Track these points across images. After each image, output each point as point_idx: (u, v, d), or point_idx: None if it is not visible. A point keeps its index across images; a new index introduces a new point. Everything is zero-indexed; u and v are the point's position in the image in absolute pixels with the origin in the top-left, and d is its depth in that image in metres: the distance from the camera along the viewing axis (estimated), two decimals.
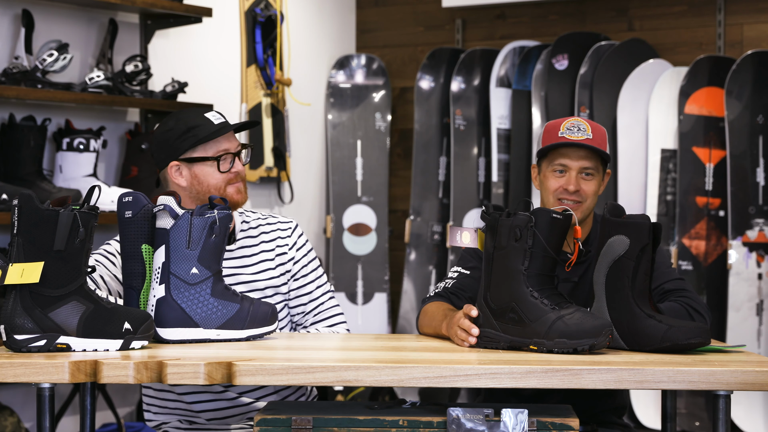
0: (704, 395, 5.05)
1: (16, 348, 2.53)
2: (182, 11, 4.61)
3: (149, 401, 3.13)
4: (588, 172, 3.05)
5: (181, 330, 2.75)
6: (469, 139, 5.70)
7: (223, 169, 3.04)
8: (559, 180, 3.06)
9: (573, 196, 3.05)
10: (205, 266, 2.76)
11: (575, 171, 3.05)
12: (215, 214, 2.77)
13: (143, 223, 2.80)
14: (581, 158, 3.05)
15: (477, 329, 2.73)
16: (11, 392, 4.17)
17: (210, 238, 2.76)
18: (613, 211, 2.76)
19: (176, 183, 3.07)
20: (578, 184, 3.05)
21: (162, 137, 3.08)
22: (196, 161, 3.04)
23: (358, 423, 2.50)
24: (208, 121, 3.05)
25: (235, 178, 3.07)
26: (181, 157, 3.05)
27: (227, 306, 2.79)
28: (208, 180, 3.05)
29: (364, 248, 5.86)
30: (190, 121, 3.05)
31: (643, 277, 2.69)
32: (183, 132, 3.04)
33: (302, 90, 5.67)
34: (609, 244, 2.71)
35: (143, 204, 2.79)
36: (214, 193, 3.04)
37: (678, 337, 2.62)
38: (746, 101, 5.13)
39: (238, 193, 3.08)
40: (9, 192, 3.85)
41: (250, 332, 2.81)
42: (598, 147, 3.03)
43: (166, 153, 3.06)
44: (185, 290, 2.76)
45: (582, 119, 3.06)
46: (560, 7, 5.69)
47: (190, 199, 3.06)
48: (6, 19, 4.17)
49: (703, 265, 5.17)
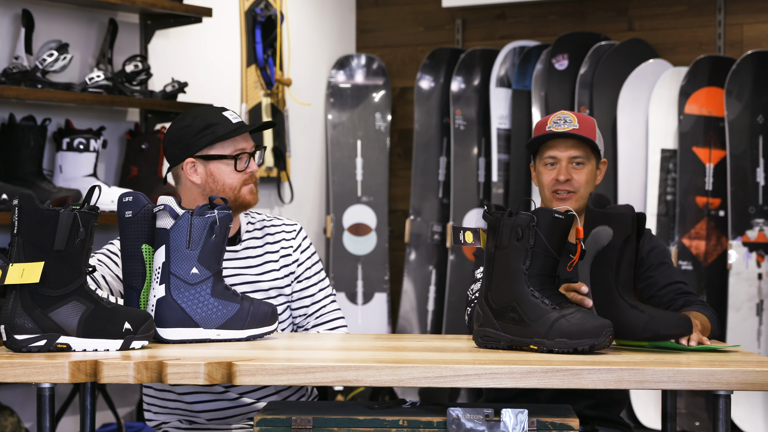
0: (704, 395, 5.05)
1: (16, 348, 2.53)
2: (182, 11, 4.61)
3: (150, 401, 3.13)
4: (578, 161, 3.12)
5: (181, 330, 2.75)
6: (469, 139, 5.70)
7: (239, 168, 3.05)
8: (551, 173, 3.13)
9: (565, 185, 3.12)
10: (205, 266, 2.76)
11: (565, 161, 3.12)
12: (215, 214, 2.76)
13: (143, 223, 2.80)
14: (569, 148, 3.12)
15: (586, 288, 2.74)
16: (11, 392, 4.17)
17: (210, 238, 2.76)
18: (597, 201, 2.77)
19: (190, 180, 3.06)
20: (569, 173, 3.11)
21: (178, 133, 3.06)
22: (214, 159, 3.04)
23: (358, 423, 2.50)
24: (226, 120, 3.05)
25: (250, 179, 3.08)
26: (197, 154, 3.04)
27: (227, 306, 2.79)
28: (224, 179, 3.05)
29: (364, 248, 5.86)
30: (208, 118, 3.05)
31: (627, 268, 2.70)
32: (201, 129, 3.03)
33: (302, 90, 5.67)
34: (593, 234, 2.72)
35: (143, 204, 2.79)
36: (229, 192, 3.04)
37: (659, 328, 2.63)
38: (746, 101, 5.13)
39: (251, 194, 3.08)
40: (9, 192, 3.85)
41: (250, 332, 2.81)
42: (584, 135, 3.08)
43: (181, 149, 3.05)
44: (185, 290, 2.75)
45: (569, 112, 3.14)
46: (560, 7, 5.69)
47: (202, 197, 3.06)
48: (6, 19, 4.17)
49: (703, 265, 5.17)
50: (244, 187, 3.07)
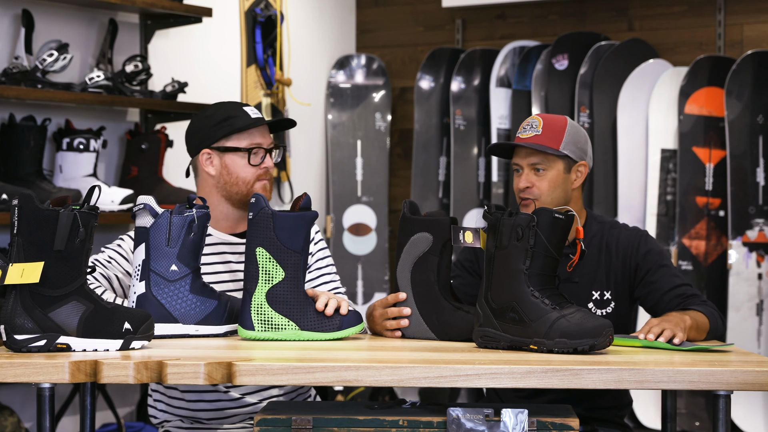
0: (704, 395, 5.05)
1: (16, 348, 2.53)
2: (182, 11, 4.61)
3: (157, 397, 3.12)
4: (538, 168, 3.11)
5: (161, 326, 2.81)
6: (469, 139, 5.70)
7: (253, 163, 3.07)
8: (517, 180, 3.16)
9: (525, 192, 3.13)
10: (184, 263, 2.83)
11: (527, 168, 3.14)
12: (194, 213, 2.83)
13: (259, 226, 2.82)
14: (529, 155, 3.13)
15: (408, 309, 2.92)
16: (11, 392, 4.17)
17: (189, 236, 2.83)
18: (411, 208, 2.93)
19: (205, 171, 3.10)
20: (529, 180, 3.13)
21: (198, 124, 3.11)
22: (228, 151, 3.07)
23: (358, 423, 2.50)
24: (245, 114, 3.09)
25: (265, 175, 3.11)
26: (213, 145, 3.08)
27: (206, 302, 2.85)
28: (238, 171, 3.08)
29: (364, 248, 5.86)
30: (227, 111, 3.09)
31: (445, 271, 2.89)
32: (220, 120, 3.07)
33: (302, 90, 5.67)
34: (412, 241, 2.89)
35: (261, 206, 2.81)
36: (242, 185, 3.08)
37: None
38: (746, 101, 5.13)
39: (264, 190, 3.11)
40: (9, 192, 3.84)
41: (227, 328, 2.88)
42: (539, 144, 3.06)
43: (199, 139, 3.10)
44: (165, 287, 2.82)
45: (539, 116, 3.15)
46: (560, 7, 5.69)
47: (217, 190, 3.09)
48: (6, 19, 4.17)
49: (703, 265, 5.17)
50: (258, 182, 3.10)
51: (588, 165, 3.17)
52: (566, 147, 3.11)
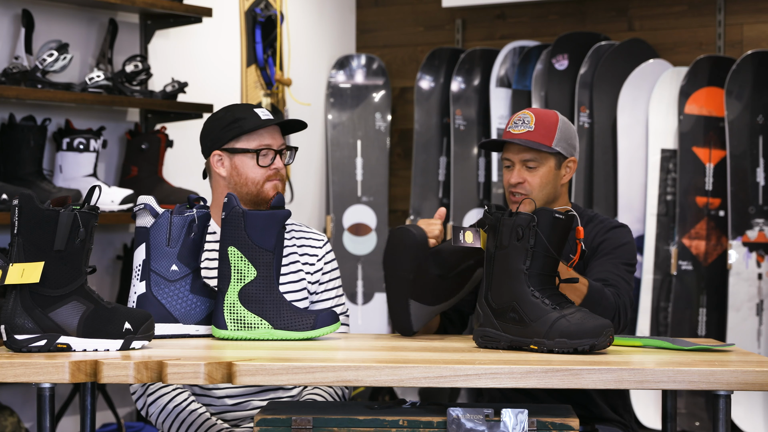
0: (704, 395, 5.05)
1: (17, 348, 2.53)
2: (182, 11, 4.61)
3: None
4: (530, 164, 3.11)
5: (161, 325, 2.81)
6: (469, 139, 5.70)
7: (262, 164, 3.08)
8: (508, 175, 3.16)
9: (517, 188, 3.13)
10: (184, 263, 2.84)
11: (518, 164, 3.14)
12: (194, 213, 2.84)
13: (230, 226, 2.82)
14: (521, 151, 3.13)
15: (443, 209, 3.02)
16: (11, 392, 4.17)
17: (189, 237, 2.84)
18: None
19: (217, 172, 3.12)
20: (521, 176, 3.13)
21: (210, 126, 3.14)
22: (238, 152, 3.08)
23: (358, 423, 2.50)
24: (255, 115, 3.11)
25: (275, 175, 3.11)
26: (223, 146, 3.09)
27: (206, 302, 2.86)
28: (247, 172, 3.09)
29: (364, 248, 5.86)
30: (238, 113, 3.11)
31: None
32: (229, 122, 3.09)
33: (302, 90, 5.67)
34: None
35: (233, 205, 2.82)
36: (251, 186, 3.09)
37: None
38: (746, 101, 5.13)
39: (275, 190, 3.11)
40: (9, 192, 3.85)
41: None
42: (532, 140, 3.06)
43: (210, 141, 3.12)
44: (165, 287, 2.83)
45: (531, 111, 3.13)
46: (560, 7, 5.69)
47: (228, 191, 3.10)
48: (6, 19, 4.17)
49: (703, 265, 5.17)
50: (268, 183, 3.10)
51: (576, 160, 3.19)
52: (558, 144, 3.12)
